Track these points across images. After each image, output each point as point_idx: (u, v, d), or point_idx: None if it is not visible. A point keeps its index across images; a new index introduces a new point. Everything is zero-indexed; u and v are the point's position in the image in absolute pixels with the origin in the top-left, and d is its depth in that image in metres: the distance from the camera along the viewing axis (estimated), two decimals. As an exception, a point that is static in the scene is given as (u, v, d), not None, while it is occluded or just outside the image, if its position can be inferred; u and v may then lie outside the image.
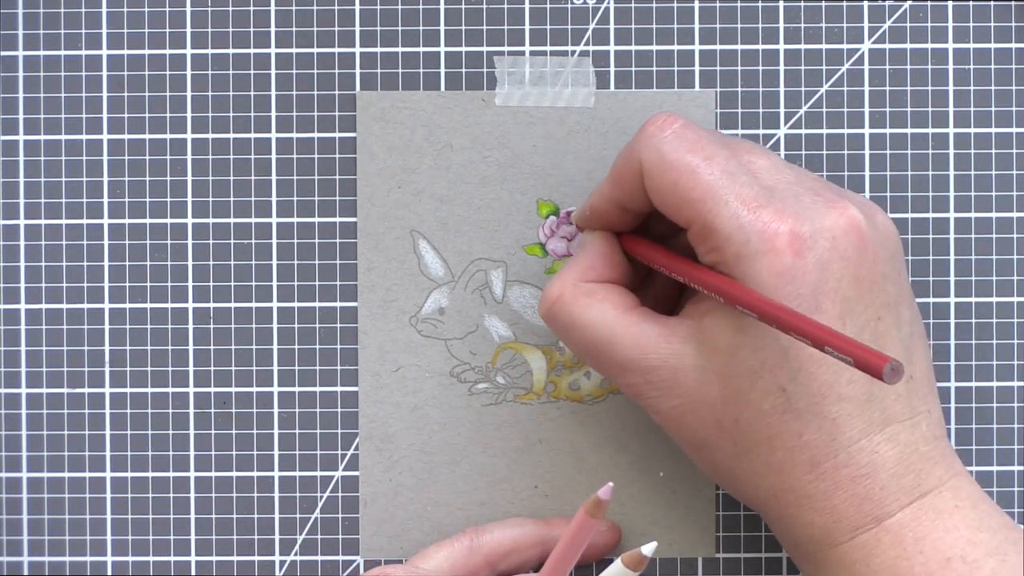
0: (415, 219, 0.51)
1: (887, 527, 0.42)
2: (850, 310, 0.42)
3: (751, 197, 0.42)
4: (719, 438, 0.44)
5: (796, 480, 0.43)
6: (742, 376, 0.43)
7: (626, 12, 0.51)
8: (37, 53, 0.52)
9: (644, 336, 0.44)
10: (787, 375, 0.42)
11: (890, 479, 0.43)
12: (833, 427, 0.42)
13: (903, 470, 0.43)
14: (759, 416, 0.43)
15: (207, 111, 0.52)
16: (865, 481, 0.42)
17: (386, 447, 0.52)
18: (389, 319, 0.51)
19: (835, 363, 0.42)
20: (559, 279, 0.46)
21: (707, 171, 0.43)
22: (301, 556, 0.52)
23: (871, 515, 0.42)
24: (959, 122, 0.51)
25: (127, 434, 0.52)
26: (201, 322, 0.52)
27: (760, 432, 0.43)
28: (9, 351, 0.52)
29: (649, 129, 0.44)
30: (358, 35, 0.52)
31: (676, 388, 0.44)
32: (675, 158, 0.43)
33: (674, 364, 0.44)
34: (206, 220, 0.52)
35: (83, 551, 0.52)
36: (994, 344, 0.51)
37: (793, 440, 0.43)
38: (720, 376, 0.43)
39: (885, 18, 0.51)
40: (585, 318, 0.45)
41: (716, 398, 0.43)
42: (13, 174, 0.52)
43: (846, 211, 0.43)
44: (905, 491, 0.43)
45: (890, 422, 0.43)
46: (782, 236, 0.42)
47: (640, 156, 0.44)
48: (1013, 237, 0.51)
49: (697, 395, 0.43)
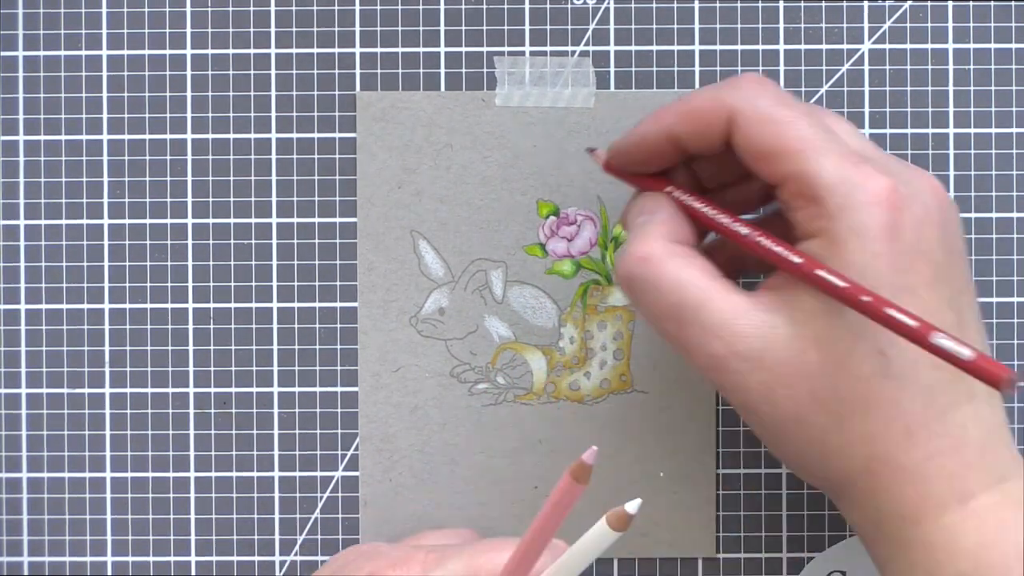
0: (415, 219, 0.51)
1: (972, 510, 0.42)
2: (940, 277, 0.42)
3: (849, 153, 0.42)
4: (812, 411, 0.42)
5: (890, 448, 0.42)
6: (842, 340, 0.42)
7: (626, 12, 0.51)
8: (37, 53, 0.52)
9: (734, 303, 0.43)
10: (887, 338, 0.41)
11: (976, 456, 0.42)
12: (928, 395, 0.42)
13: (987, 449, 0.42)
14: (858, 382, 0.42)
15: (207, 111, 0.52)
16: (954, 455, 0.42)
17: (386, 447, 0.52)
18: (389, 319, 0.51)
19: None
20: (643, 237, 0.44)
21: (807, 124, 0.42)
22: (301, 556, 0.52)
23: (958, 492, 0.42)
24: (959, 122, 0.51)
25: (127, 434, 0.52)
26: (201, 322, 0.52)
27: (858, 399, 0.42)
28: (9, 351, 0.52)
29: (743, 83, 0.43)
30: (358, 35, 0.52)
31: (765, 359, 0.42)
32: (775, 111, 0.43)
33: (765, 333, 0.42)
34: (206, 220, 0.52)
35: (83, 551, 0.52)
36: (994, 344, 0.51)
37: (890, 407, 0.42)
38: (818, 343, 0.42)
39: (885, 18, 0.51)
40: (678, 276, 0.43)
41: (813, 367, 0.42)
42: (13, 174, 0.52)
43: (931, 179, 0.43)
44: (988, 471, 0.42)
45: (973, 397, 0.42)
46: (884, 191, 0.41)
47: (734, 105, 0.43)
48: (1013, 237, 0.51)
49: (790, 366, 0.42)
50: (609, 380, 0.51)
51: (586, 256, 0.51)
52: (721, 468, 0.52)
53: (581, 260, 0.51)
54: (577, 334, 0.52)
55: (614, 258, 0.51)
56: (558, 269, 0.51)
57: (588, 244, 0.52)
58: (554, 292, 0.52)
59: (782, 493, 0.52)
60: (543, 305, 0.52)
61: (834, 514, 0.52)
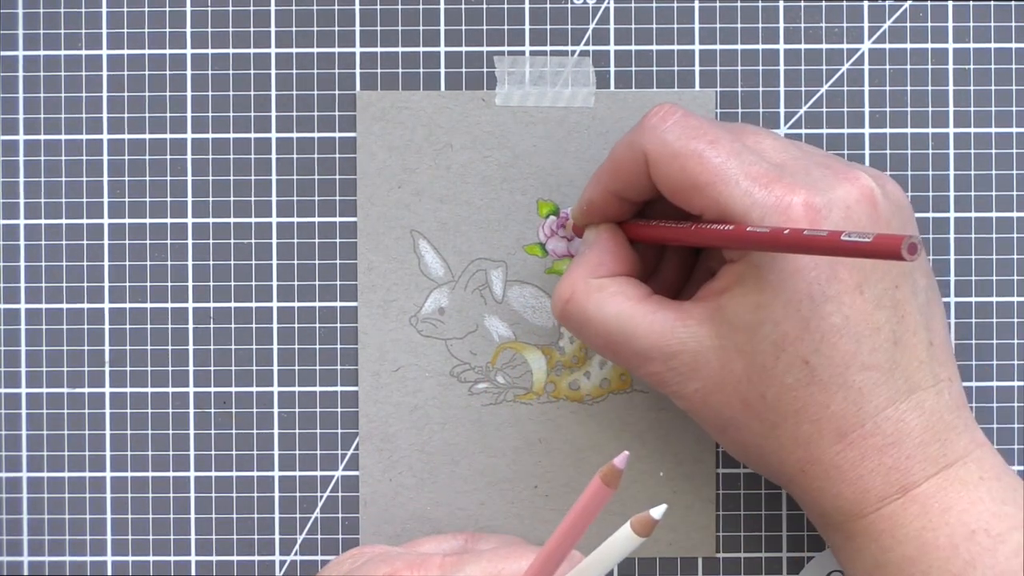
0: (415, 219, 0.51)
1: (914, 496, 0.43)
2: (867, 278, 0.43)
3: (761, 173, 0.43)
4: (745, 416, 0.44)
5: (824, 452, 0.43)
6: (765, 352, 0.43)
7: (626, 12, 0.51)
8: (37, 53, 0.52)
9: (661, 323, 0.44)
10: (809, 347, 0.42)
11: (916, 448, 0.43)
12: (859, 396, 0.43)
13: (929, 439, 0.43)
14: (784, 390, 0.43)
15: (207, 111, 0.52)
16: (892, 450, 0.43)
17: (386, 447, 0.52)
18: (389, 319, 0.51)
19: (857, 332, 0.42)
20: (568, 278, 0.46)
21: (714, 154, 0.43)
22: (301, 556, 0.52)
23: (898, 484, 0.43)
24: (959, 122, 0.51)
25: (127, 434, 0.52)
26: (201, 322, 0.52)
27: (786, 406, 0.43)
28: (9, 351, 0.52)
29: (651, 120, 0.44)
30: (358, 35, 0.52)
31: (698, 371, 0.44)
32: (680, 145, 0.43)
33: (694, 347, 0.44)
34: (206, 220, 0.52)
35: (83, 551, 0.52)
36: (994, 344, 0.51)
37: (820, 412, 0.43)
38: (742, 354, 0.43)
39: (885, 18, 0.51)
40: (600, 314, 0.45)
41: (740, 376, 0.43)
42: (13, 174, 0.52)
43: (857, 180, 0.43)
44: (931, 460, 0.43)
45: (915, 390, 0.43)
46: (796, 207, 0.42)
47: (644, 147, 0.44)
48: (1013, 237, 0.51)
49: (720, 375, 0.43)
50: (609, 380, 0.51)
51: (586, 256, 0.51)
52: (721, 468, 0.52)
53: (581, 260, 0.51)
54: (577, 334, 0.52)
55: None
56: (558, 269, 0.51)
57: (588, 244, 0.52)
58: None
59: (782, 493, 0.52)
60: (543, 305, 0.52)
61: (834, 514, 0.52)
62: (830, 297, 0.42)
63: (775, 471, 0.45)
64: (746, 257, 0.43)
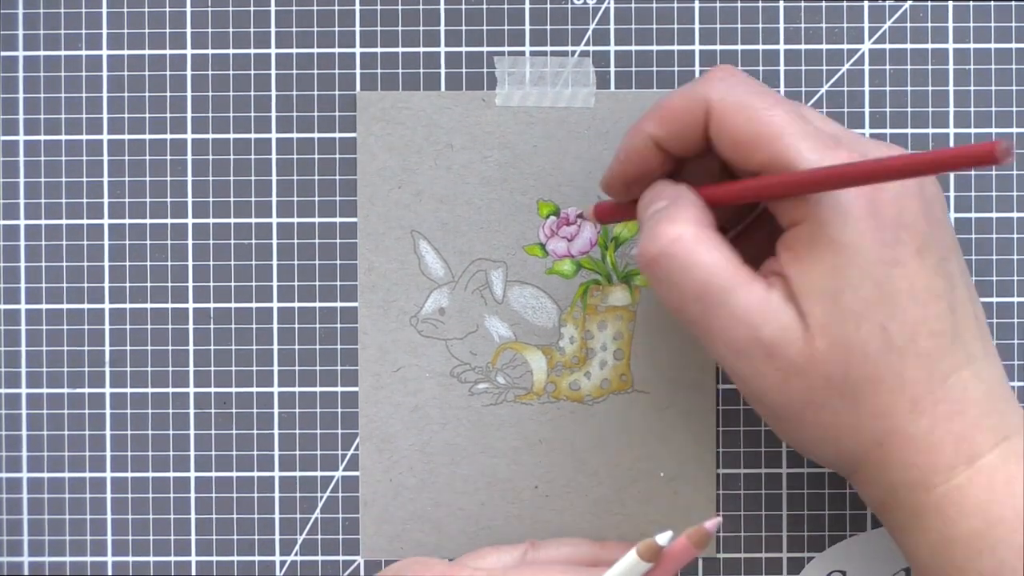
0: (415, 219, 0.51)
1: (979, 468, 0.42)
2: (925, 245, 0.43)
3: (825, 137, 0.43)
4: (825, 396, 0.43)
5: (899, 420, 0.43)
6: (847, 322, 0.42)
7: (626, 12, 0.51)
8: (37, 53, 0.52)
9: (757, 291, 0.43)
10: (886, 312, 0.42)
11: (980, 417, 0.43)
12: (929, 362, 0.43)
13: (989, 409, 0.43)
14: (866, 360, 0.42)
15: (207, 111, 0.52)
16: (959, 418, 0.43)
17: (386, 447, 0.52)
18: (389, 319, 0.51)
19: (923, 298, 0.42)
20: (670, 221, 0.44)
21: (781, 111, 0.43)
22: (301, 556, 0.52)
23: (965, 454, 0.43)
24: (959, 122, 0.51)
25: (127, 434, 0.52)
26: (201, 322, 0.52)
27: (868, 377, 0.43)
28: (9, 351, 0.52)
29: (716, 73, 0.44)
30: (358, 35, 0.52)
31: (782, 347, 0.43)
32: (748, 99, 0.43)
33: (784, 321, 0.43)
34: (206, 220, 0.52)
35: (83, 551, 0.52)
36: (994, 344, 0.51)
37: (896, 380, 0.43)
38: (824, 329, 0.42)
39: (885, 18, 0.51)
40: (707, 259, 0.43)
41: (824, 354, 0.42)
42: (13, 174, 0.52)
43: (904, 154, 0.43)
44: (992, 430, 0.43)
45: (973, 359, 0.43)
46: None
47: (708, 96, 0.44)
48: (1013, 237, 0.51)
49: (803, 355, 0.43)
50: (609, 380, 0.51)
51: (586, 256, 0.51)
52: (721, 468, 0.52)
53: (581, 260, 0.51)
54: (577, 334, 0.52)
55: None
56: (558, 269, 0.51)
57: (588, 244, 0.52)
58: (554, 292, 0.52)
59: (782, 493, 0.52)
60: (543, 305, 0.52)
61: (834, 514, 0.52)
62: (896, 260, 0.42)
63: (847, 452, 0.44)
64: (810, 217, 0.42)
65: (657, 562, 0.43)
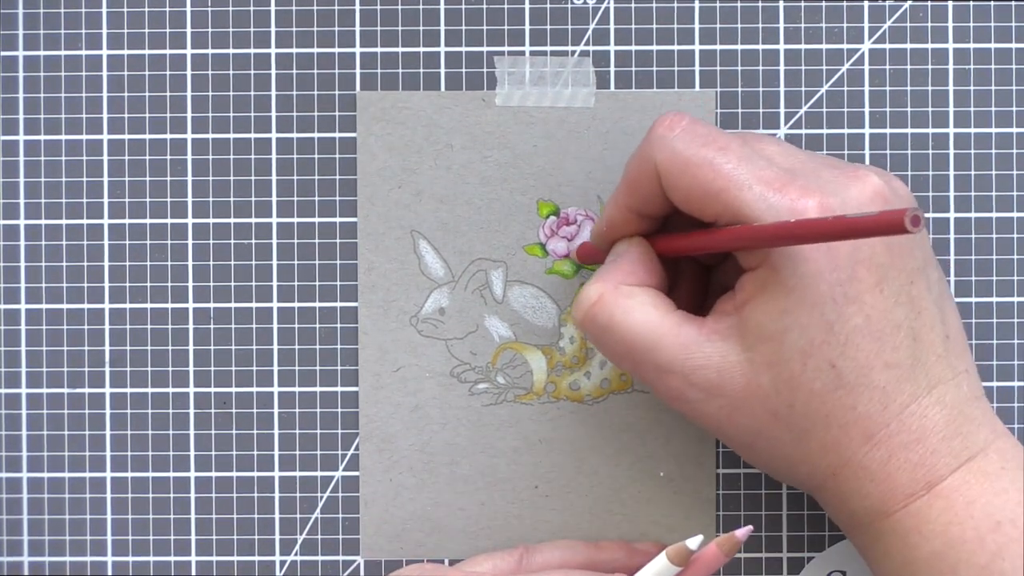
0: (415, 219, 0.51)
1: (938, 492, 0.43)
2: (885, 276, 0.43)
3: (773, 178, 0.42)
4: (773, 428, 0.44)
5: (852, 454, 0.43)
6: (792, 360, 0.43)
7: (626, 12, 0.51)
8: (37, 53, 0.52)
9: (685, 337, 0.44)
10: (835, 350, 0.42)
11: (940, 443, 0.43)
12: (884, 396, 0.43)
13: (951, 432, 0.43)
14: (812, 397, 0.43)
15: (207, 111, 0.52)
16: (917, 447, 0.43)
17: (386, 447, 0.52)
18: (389, 319, 0.51)
19: (879, 331, 0.42)
20: (598, 282, 0.46)
21: (724, 160, 0.43)
22: (301, 556, 0.52)
23: (923, 480, 0.43)
24: (959, 122, 0.51)
25: (127, 434, 0.52)
26: (201, 322, 0.52)
27: (815, 413, 0.43)
28: (9, 351, 0.52)
29: (658, 131, 0.44)
30: (358, 35, 0.52)
31: (722, 387, 0.43)
32: (690, 154, 0.43)
33: (718, 362, 0.43)
34: (206, 220, 0.52)
35: (83, 551, 0.52)
36: (994, 344, 0.51)
37: (847, 415, 0.43)
38: (769, 365, 0.43)
39: (885, 18, 0.51)
40: (626, 321, 0.45)
41: (767, 389, 0.43)
42: (13, 174, 0.52)
43: (867, 179, 0.43)
44: (954, 454, 0.43)
45: (935, 384, 0.43)
46: (812, 210, 0.42)
47: (654, 159, 0.44)
48: (1013, 237, 0.51)
49: (746, 391, 0.43)
50: (609, 380, 0.51)
51: (586, 256, 0.51)
52: (721, 468, 0.52)
53: (581, 260, 0.51)
54: (577, 334, 0.52)
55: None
56: (558, 269, 0.51)
57: (588, 244, 0.52)
58: (554, 292, 0.52)
59: (782, 493, 0.52)
60: (543, 305, 0.52)
61: (834, 514, 0.52)
62: (852, 298, 0.42)
63: (803, 479, 0.45)
64: (766, 263, 0.43)
65: (686, 567, 0.43)
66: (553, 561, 0.50)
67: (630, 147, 0.51)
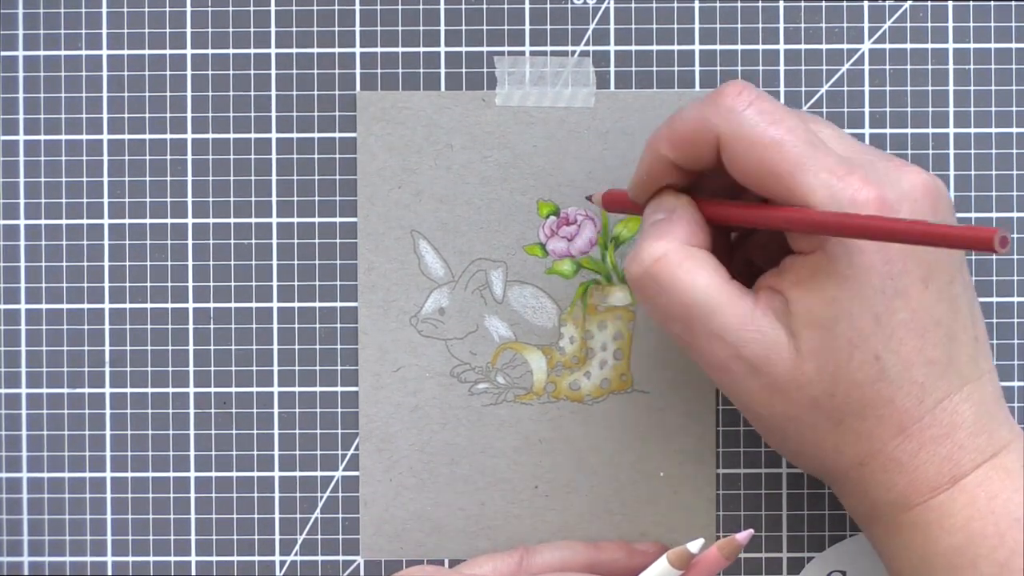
0: (415, 219, 0.51)
1: (962, 487, 0.43)
2: (931, 271, 0.43)
3: (836, 165, 0.42)
4: (810, 414, 0.43)
5: (884, 445, 0.43)
6: (839, 350, 0.42)
7: (626, 12, 0.51)
8: (37, 53, 0.52)
9: (744, 307, 0.43)
10: (881, 343, 0.42)
11: (967, 438, 0.43)
12: (921, 390, 0.43)
13: (978, 429, 0.43)
14: (853, 387, 0.43)
15: (207, 111, 0.52)
16: (946, 441, 0.43)
17: (386, 447, 0.52)
18: (389, 319, 0.51)
19: (922, 327, 0.42)
20: (659, 239, 0.44)
21: (792, 143, 0.42)
22: (301, 556, 0.52)
23: (949, 475, 0.43)
24: (959, 122, 0.51)
25: (127, 434, 0.52)
26: (201, 322, 0.52)
27: (855, 403, 0.43)
28: (9, 351, 0.52)
29: (727, 101, 0.43)
30: (358, 35, 0.52)
31: (768, 365, 0.43)
32: (759, 132, 0.43)
33: (772, 338, 0.43)
34: (206, 220, 0.52)
35: (83, 551, 0.52)
36: (994, 344, 0.51)
37: (884, 407, 0.43)
38: (814, 354, 0.43)
39: (885, 18, 0.51)
40: (690, 279, 0.44)
41: (810, 377, 0.43)
42: (13, 174, 0.52)
43: (920, 174, 0.43)
44: (979, 450, 0.43)
45: (966, 382, 0.43)
46: (872, 202, 0.42)
47: (718, 128, 0.43)
48: (1013, 237, 0.51)
49: (789, 375, 0.43)
50: (609, 380, 0.51)
51: (586, 256, 0.51)
52: (721, 468, 0.52)
53: (581, 260, 0.51)
54: (577, 334, 0.52)
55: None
56: (558, 269, 0.51)
57: (588, 244, 0.52)
58: (554, 292, 0.52)
59: (782, 493, 0.52)
60: (543, 305, 0.52)
61: (834, 514, 0.52)
62: (900, 292, 0.42)
63: (829, 467, 0.45)
64: (820, 249, 0.42)
65: (687, 570, 0.43)
66: (553, 563, 0.50)
67: (630, 147, 0.51)
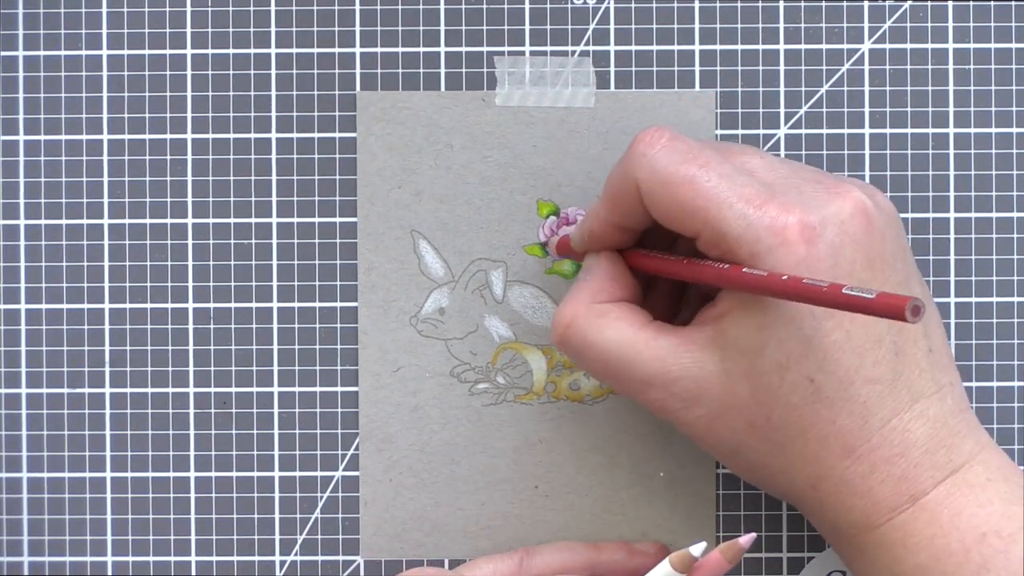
0: (415, 219, 0.51)
1: (923, 505, 0.43)
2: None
3: (754, 195, 0.42)
4: (752, 439, 0.44)
5: (832, 467, 0.43)
6: (769, 373, 0.42)
7: (626, 12, 0.51)
8: (37, 53, 0.52)
9: (662, 349, 0.44)
10: (814, 364, 0.42)
11: (923, 456, 0.43)
12: (864, 410, 0.43)
13: (935, 446, 0.43)
14: (790, 409, 0.43)
15: (207, 111, 0.52)
16: (899, 460, 0.43)
17: (386, 447, 0.52)
18: (389, 319, 0.51)
19: (859, 347, 0.42)
20: (569, 303, 0.46)
21: (705, 178, 0.43)
22: (301, 556, 0.52)
23: (907, 494, 0.43)
24: (959, 122, 0.51)
25: (127, 434, 0.52)
26: (201, 322, 0.52)
27: (793, 425, 0.43)
28: (9, 351, 0.52)
29: (639, 148, 0.44)
30: (358, 35, 0.52)
31: (700, 397, 0.44)
32: (671, 171, 0.43)
33: (696, 373, 0.44)
34: (206, 220, 0.52)
35: (83, 551, 0.52)
36: (994, 344, 0.51)
37: (826, 428, 0.43)
38: (747, 377, 0.43)
39: (885, 18, 0.51)
40: (600, 339, 0.45)
41: (745, 399, 0.43)
42: (13, 174, 0.52)
43: (849, 195, 0.43)
44: (938, 467, 0.43)
45: (918, 398, 0.43)
46: (792, 228, 0.42)
47: (635, 176, 0.44)
48: (1013, 237, 0.51)
49: (724, 400, 0.43)
50: (609, 380, 0.51)
51: (586, 256, 0.51)
52: (721, 468, 0.52)
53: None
54: (577, 334, 0.52)
55: None
56: (558, 269, 0.51)
57: (588, 244, 0.52)
58: (554, 292, 0.52)
59: (782, 493, 0.52)
60: (543, 305, 0.52)
61: (834, 514, 0.52)
62: (831, 313, 0.42)
63: (785, 490, 0.45)
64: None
65: (689, 573, 0.43)
66: (553, 564, 0.50)
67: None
